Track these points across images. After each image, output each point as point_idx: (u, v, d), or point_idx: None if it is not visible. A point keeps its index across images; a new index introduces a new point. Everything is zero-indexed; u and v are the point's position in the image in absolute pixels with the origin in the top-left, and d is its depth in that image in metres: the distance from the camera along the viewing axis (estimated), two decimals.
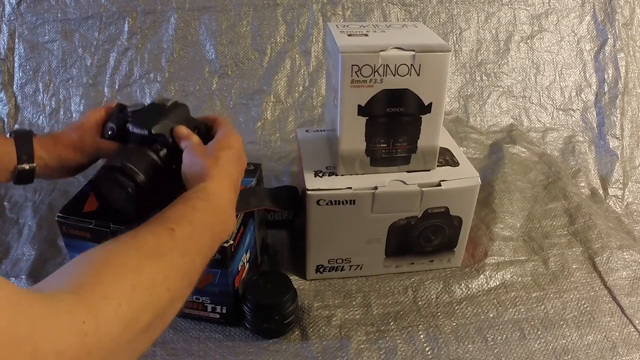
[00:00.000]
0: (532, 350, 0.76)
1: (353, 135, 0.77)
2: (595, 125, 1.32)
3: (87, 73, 1.28)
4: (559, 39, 1.36)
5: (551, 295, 0.85)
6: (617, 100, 1.33)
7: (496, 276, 0.88)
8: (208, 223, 0.56)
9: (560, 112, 1.34)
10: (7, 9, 1.27)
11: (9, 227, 0.99)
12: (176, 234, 0.50)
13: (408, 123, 0.76)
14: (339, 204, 0.78)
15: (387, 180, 0.78)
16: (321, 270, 0.87)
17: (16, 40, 1.27)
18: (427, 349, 0.76)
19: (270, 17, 1.30)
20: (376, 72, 0.71)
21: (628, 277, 0.89)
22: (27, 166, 0.68)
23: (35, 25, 1.27)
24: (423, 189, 0.78)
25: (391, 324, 0.80)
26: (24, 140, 0.69)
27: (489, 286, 0.86)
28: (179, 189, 0.62)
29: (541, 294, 0.85)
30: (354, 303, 0.83)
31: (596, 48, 1.36)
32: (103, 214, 0.70)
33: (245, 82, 1.30)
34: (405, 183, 0.78)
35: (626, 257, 0.92)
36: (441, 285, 0.86)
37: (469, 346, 0.76)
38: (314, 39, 1.31)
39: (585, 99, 1.35)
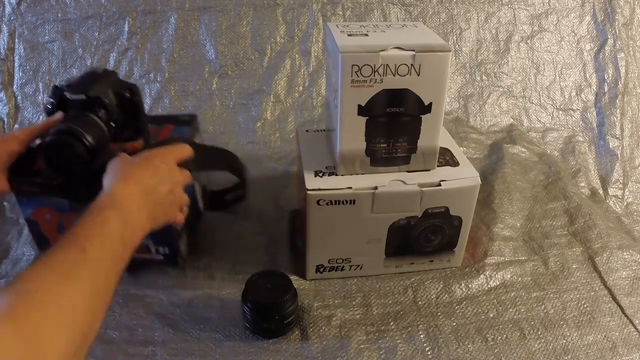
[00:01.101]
0: (532, 350, 0.76)
1: (353, 135, 0.76)
2: (595, 125, 1.32)
3: None
4: (559, 39, 1.36)
5: (551, 295, 0.85)
6: (617, 100, 1.33)
7: (496, 276, 0.88)
8: (118, 232, 0.55)
9: (560, 112, 1.34)
10: (7, 9, 1.27)
11: (9, 227, 0.99)
12: (87, 251, 0.50)
13: (408, 123, 0.76)
14: (338, 203, 0.78)
15: (387, 180, 0.78)
16: (321, 270, 0.87)
17: (16, 40, 1.27)
18: (427, 348, 0.76)
19: (270, 17, 1.30)
20: (376, 72, 0.70)
21: (628, 277, 0.89)
22: None
23: (35, 25, 1.27)
24: (423, 189, 0.78)
25: (391, 323, 0.80)
26: None
27: (489, 286, 0.86)
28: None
29: (541, 294, 0.85)
30: (354, 303, 0.83)
31: (596, 48, 1.36)
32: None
33: (245, 82, 1.30)
34: (405, 183, 0.78)
35: (626, 257, 0.92)
36: (441, 285, 0.86)
37: (469, 346, 0.76)
38: (314, 39, 1.31)
39: (585, 99, 1.35)
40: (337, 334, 0.78)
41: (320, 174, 0.80)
